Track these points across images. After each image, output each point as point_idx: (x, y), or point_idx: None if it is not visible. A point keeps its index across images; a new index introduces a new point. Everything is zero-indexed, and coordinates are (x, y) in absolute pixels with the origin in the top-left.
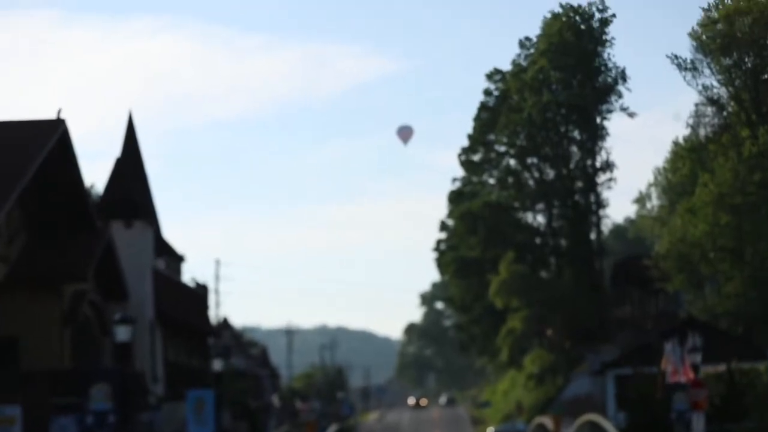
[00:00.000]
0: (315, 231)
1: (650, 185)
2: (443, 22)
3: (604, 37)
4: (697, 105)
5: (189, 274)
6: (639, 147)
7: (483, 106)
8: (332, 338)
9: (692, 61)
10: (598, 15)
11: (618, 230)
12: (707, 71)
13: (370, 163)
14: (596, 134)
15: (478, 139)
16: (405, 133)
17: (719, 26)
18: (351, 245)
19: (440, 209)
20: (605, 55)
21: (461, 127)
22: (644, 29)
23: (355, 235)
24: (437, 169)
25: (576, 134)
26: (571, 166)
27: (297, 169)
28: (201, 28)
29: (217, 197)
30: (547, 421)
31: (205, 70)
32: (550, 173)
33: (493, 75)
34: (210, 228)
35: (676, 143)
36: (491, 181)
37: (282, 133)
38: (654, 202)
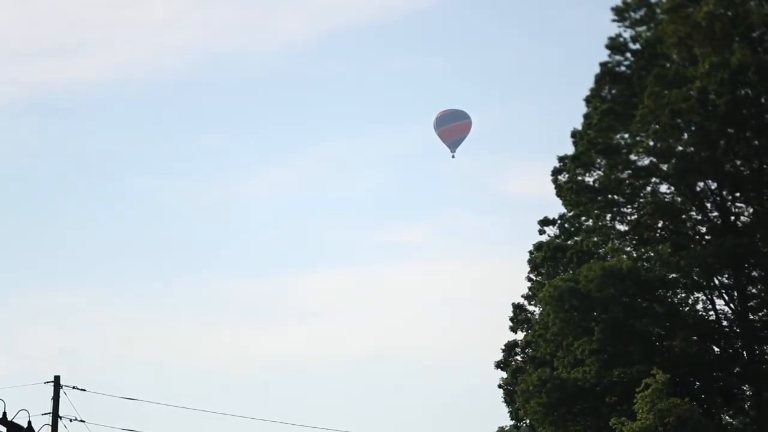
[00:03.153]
0: (278, 316)
1: None
2: None
3: None
4: None
5: None
6: None
7: (606, 73)
8: None
9: None
10: None
11: None
12: None
13: (381, 188)
14: None
15: (594, 141)
16: (452, 129)
17: None
18: (344, 348)
19: (515, 282)
20: None
21: (559, 117)
22: None
23: (354, 330)
24: (510, 201)
25: None
26: None
27: (230, 198)
28: None
29: (54, 251)
30: None
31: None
32: (744, 211)
33: (626, 10)
34: (47, 313)
35: None
36: (620, 226)
37: (188, 118)
38: None
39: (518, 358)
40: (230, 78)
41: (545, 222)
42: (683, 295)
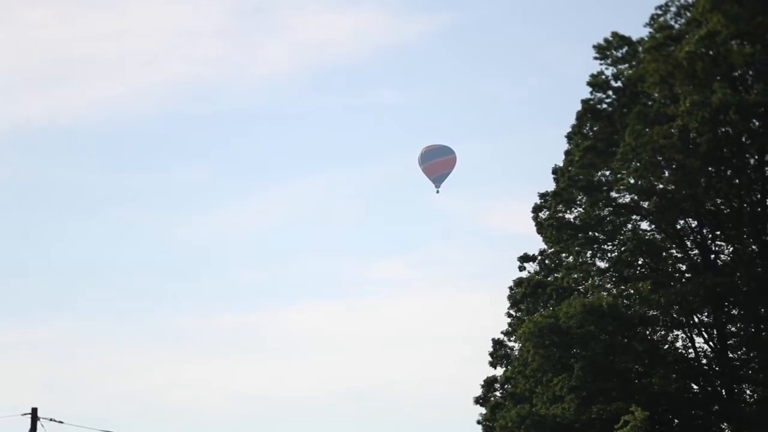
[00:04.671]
0: (246, 358)
1: None
2: None
3: None
4: None
5: None
6: None
7: (588, 110)
8: None
9: None
10: None
11: None
12: None
13: (363, 222)
14: None
15: (575, 178)
16: (437, 164)
17: None
18: (322, 384)
19: (495, 318)
20: None
21: (540, 154)
22: None
23: (332, 366)
24: (491, 236)
25: None
26: None
27: (212, 231)
28: None
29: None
30: None
31: None
32: (724, 249)
33: (608, 49)
34: (25, 344)
35: None
36: (600, 263)
37: (154, 155)
38: None
39: (497, 394)
40: (213, 111)
41: (525, 258)
42: (663, 332)
